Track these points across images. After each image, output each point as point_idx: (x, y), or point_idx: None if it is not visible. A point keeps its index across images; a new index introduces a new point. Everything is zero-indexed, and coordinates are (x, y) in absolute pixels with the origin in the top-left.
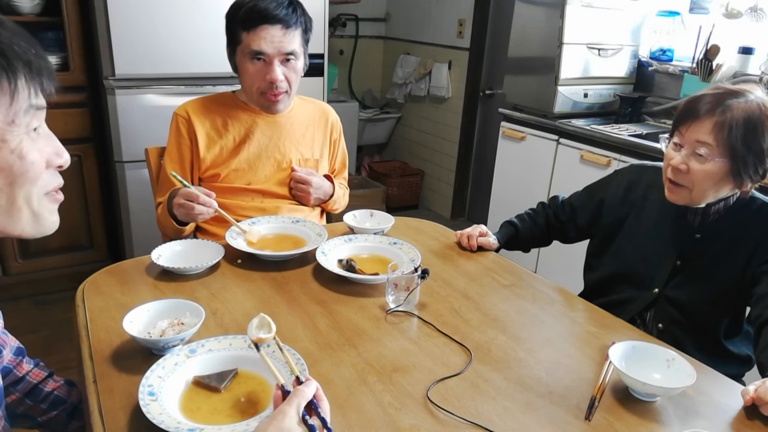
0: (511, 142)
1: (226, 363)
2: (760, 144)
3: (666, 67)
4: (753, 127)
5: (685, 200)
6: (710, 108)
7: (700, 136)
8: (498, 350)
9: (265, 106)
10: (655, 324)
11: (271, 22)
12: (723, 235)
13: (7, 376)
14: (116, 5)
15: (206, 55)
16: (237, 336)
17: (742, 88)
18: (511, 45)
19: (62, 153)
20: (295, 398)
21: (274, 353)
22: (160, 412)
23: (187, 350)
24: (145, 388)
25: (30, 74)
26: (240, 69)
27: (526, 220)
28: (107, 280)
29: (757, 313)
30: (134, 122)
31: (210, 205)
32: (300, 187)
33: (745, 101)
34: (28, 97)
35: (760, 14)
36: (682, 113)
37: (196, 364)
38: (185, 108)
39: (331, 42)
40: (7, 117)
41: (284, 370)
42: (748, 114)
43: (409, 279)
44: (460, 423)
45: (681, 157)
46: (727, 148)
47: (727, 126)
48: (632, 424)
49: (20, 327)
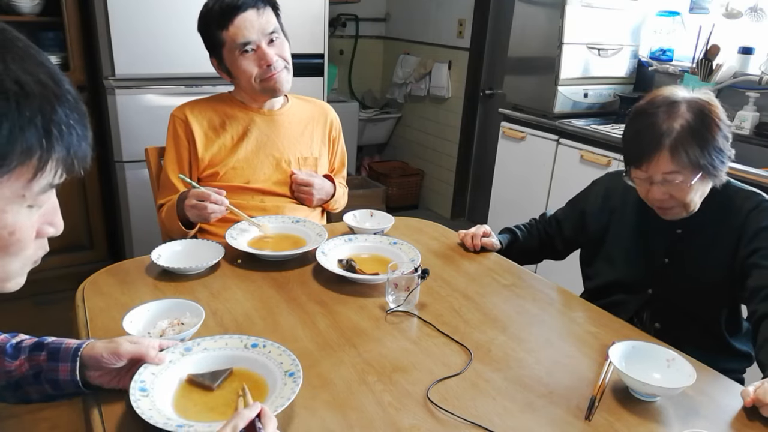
0: (511, 142)
1: (221, 362)
2: (715, 143)
3: (666, 67)
4: (700, 135)
5: (680, 215)
6: (657, 140)
7: (665, 168)
8: (498, 350)
9: (270, 90)
10: (653, 324)
11: (243, 9)
12: (704, 226)
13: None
14: (116, 5)
15: (206, 55)
16: (233, 336)
17: (662, 101)
18: (511, 45)
19: (56, 223)
20: (233, 420)
21: (269, 353)
22: (150, 408)
23: (182, 348)
24: (137, 383)
25: (65, 158)
26: (233, 69)
27: (523, 230)
28: (107, 280)
29: (753, 309)
30: (134, 122)
31: (222, 202)
32: (303, 189)
33: (675, 115)
34: (52, 178)
35: (760, 14)
36: (635, 154)
37: (191, 363)
38: (182, 109)
39: (331, 42)
40: (19, 191)
41: (277, 369)
42: (689, 126)
43: (409, 279)
44: (460, 423)
45: (658, 189)
46: (695, 165)
47: (682, 150)
48: (632, 424)
49: (20, 327)
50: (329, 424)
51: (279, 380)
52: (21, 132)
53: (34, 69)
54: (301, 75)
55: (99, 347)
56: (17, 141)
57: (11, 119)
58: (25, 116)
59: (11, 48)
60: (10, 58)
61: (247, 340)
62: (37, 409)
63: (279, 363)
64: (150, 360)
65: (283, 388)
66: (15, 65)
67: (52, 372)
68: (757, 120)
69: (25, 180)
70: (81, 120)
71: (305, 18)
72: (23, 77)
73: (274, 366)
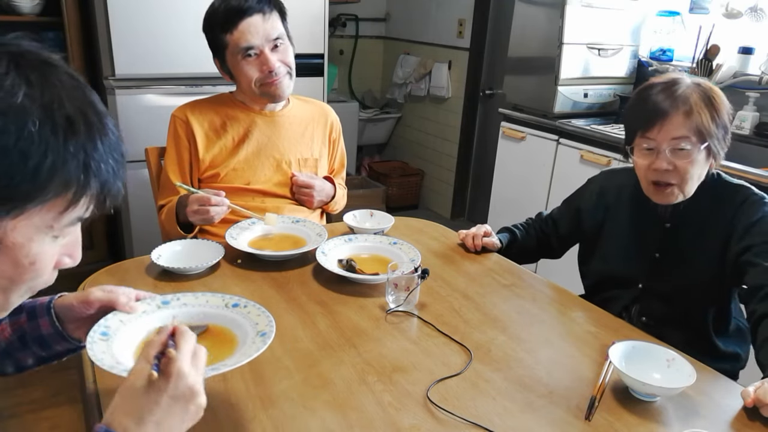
0: (511, 142)
1: (198, 318)
2: (722, 118)
3: (666, 67)
4: (710, 103)
5: (676, 197)
6: (671, 102)
7: (676, 132)
8: (498, 350)
9: (269, 95)
10: (640, 318)
11: (249, 14)
12: (693, 220)
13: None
14: (116, 5)
15: (206, 55)
16: (216, 294)
17: (672, 78)
18: (511, 45)
19: (75, 255)
20: (144, 351)
21: (248, 313)
22: (104, 351)
23: (159, 301)
24: (100, 327)
25: (98, 194)
26: (235, 71)
27: (522, 230)
28: (107, 280)
29: (752, 309)
30: (134, 122)
31: (222, 203)
32: (303, 191)
33: (686, 86)
34: (82, 212)
35: (760, 14)
36: (646, 118)
37: (166, 317)
38: (183, 110)
39: (331, 42)
40: (49, 222)
41: (251, 329)
42: (700, 94)
43: (409, 279)
44: (460, 423)
45: (663, 158)
46: (703, 133)
47: (696, 112)
48: (632, 424)
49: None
50: (329, 424)
51: (249, 339)
52: (63, 165)
53: (85, 107)
54: (301, 75)
55: (70, 296)
56: (58, 174)
57: (55, 152)
58: (69, 151)
59: (66, 84)
60: (65, 94)
61: (229, 300)
62: (39, 409)
63: (255, 323)
64: (120, 307)
65: (251, 346)
66: (69, 102)
67: (34, 330)
68: (757, 120)
69: (57, 212)
70: (119, 159)
71: (305, 18)
72: (74, 114)
73: (250, 326)
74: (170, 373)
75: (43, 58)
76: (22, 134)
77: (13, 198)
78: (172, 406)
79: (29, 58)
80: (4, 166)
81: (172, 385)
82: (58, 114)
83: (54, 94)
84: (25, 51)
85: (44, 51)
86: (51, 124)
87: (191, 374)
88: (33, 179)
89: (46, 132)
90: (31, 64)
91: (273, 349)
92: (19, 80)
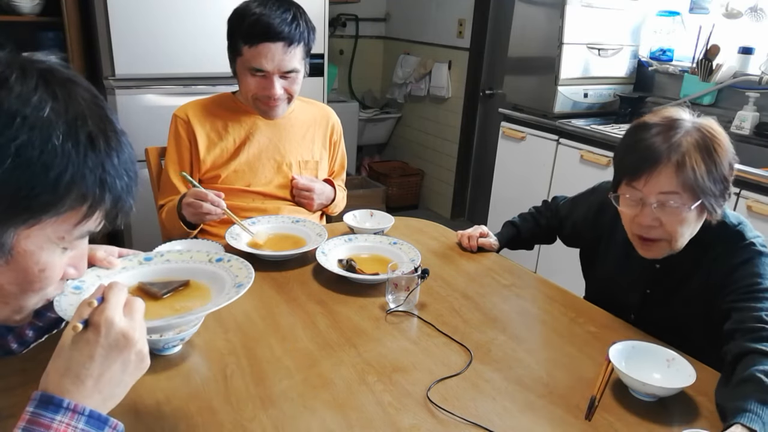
0: (511, 142)
1: (179, 274)
2: (720, 171)
3: (666, 67)
4: (708, 154)
5: (664, 253)
6: (664, 150)
7: (664, 186)
8: (498, 350)
9: (262, 111)
10: None
11: (273, 40)
12: (683, 262)
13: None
14: (116, 5)
15: (206, 55)
16: (201, 250)
17: (670, 117)
18: (511, 45)
19: (81, 267)
20: (77, 311)
21: (230, 267)
22: (71, 304)
23: (141, 257)
24: (73, 282)
25: (111, 209)
26: (239, 78)
27: (529, 220)
28: None
29: (726, 349)
30: (134, 122)
31: (219, 204)
32: (303, 194)
33: (685, 131)
34: (94, 226)
35: (760, 14)
36: (633, 165)
37: (147, 272)
38: (185, 110)
39: (331, 42)
40: (61, 233)
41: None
42: (697, 142)
43: (409, 279)
44: (460, 423)
45: (649, 212)
46: (695, 190)
47: (689, 166)
48: (632, 424)
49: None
50: (329, 424)
51: (225, 289)
52: (81, 179)
53: (105, 124)
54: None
55: None
56: (75, 187)
57: (75, 166)
58: (88, 166)
59: (89, 102)
60: (88, 111)
61: (213, 255)
62: None
63: (235, 276)
64: (98, 262)
65: (224, 296)
66: (91, 119)
67: None
68: (757, 120)
69: (71, 224)
70: (133, 176)
71: None
72: (95, 131)
73: (230, 278)
74: (98, 322)
75: (68, 76)
76: (46, 147)
77: (31, 208)
78: (107, 357)
79: (57, 75)
80: (27, 176)
81: (103, 334)
82: (81, 130)
83: (78, 111)
84: (53, 68)
85: (69, 68)
86: (74, 139)
87: (122, 321)
88: (53, 191)
89: (68, 146)
90: (57, 81)
91: (273, 349)
92: (47, 96)
